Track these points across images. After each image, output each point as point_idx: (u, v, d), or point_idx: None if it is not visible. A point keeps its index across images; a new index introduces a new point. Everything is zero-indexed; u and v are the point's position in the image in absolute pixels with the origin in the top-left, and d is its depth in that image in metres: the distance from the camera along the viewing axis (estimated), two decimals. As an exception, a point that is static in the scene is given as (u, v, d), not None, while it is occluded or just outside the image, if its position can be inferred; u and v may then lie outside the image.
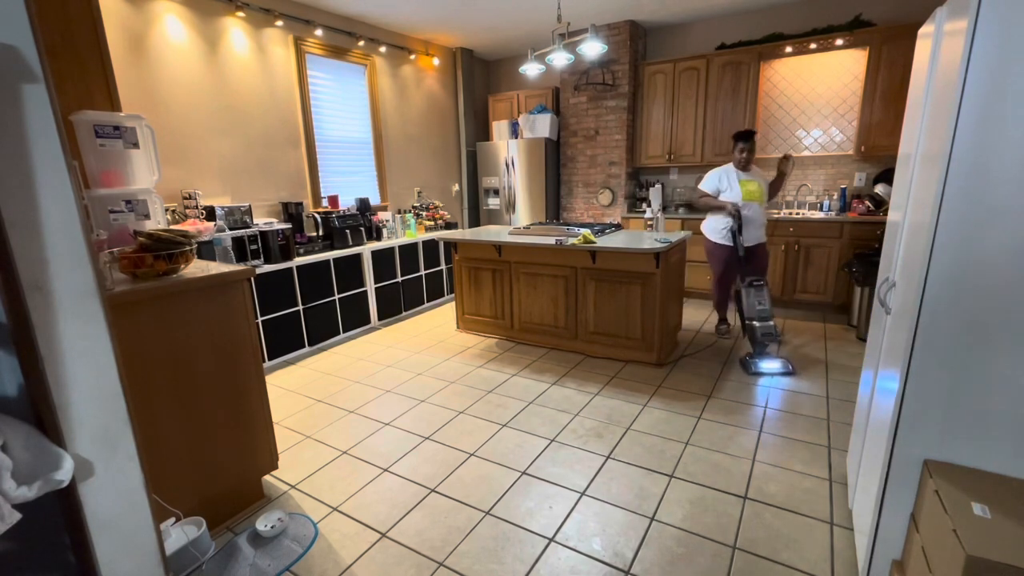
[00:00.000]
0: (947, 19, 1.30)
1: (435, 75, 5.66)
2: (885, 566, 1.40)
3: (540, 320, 3.79)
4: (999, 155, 1.08)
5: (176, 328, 1.73)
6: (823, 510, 1.93)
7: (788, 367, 3.17)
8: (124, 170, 2.12)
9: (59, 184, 0.90)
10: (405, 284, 4.72)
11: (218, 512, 1.95)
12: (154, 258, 1.72)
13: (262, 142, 4.02)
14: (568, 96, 5.41)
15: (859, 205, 4.25)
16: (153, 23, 3.30)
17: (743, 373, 3.20)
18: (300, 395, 3.11)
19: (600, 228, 3.86)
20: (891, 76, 4.01)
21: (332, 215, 4.16)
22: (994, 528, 1.04)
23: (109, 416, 1.01)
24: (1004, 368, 1.16)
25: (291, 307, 3.67)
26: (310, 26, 4.24)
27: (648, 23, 5.06)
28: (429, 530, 1.90)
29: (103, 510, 1.01)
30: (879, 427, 1.49)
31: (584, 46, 3.27)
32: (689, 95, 4.89)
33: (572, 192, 5.66)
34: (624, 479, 2.16)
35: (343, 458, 2.40)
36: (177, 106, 3.47)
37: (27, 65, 0.85)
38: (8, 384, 0.86)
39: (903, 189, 1.60)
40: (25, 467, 0.80)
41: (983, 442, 1.22)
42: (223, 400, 1.90)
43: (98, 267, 0.98)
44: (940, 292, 1.19)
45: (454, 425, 2.67)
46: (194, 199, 3.42)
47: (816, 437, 2.43)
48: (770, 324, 3.21)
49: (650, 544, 1.79)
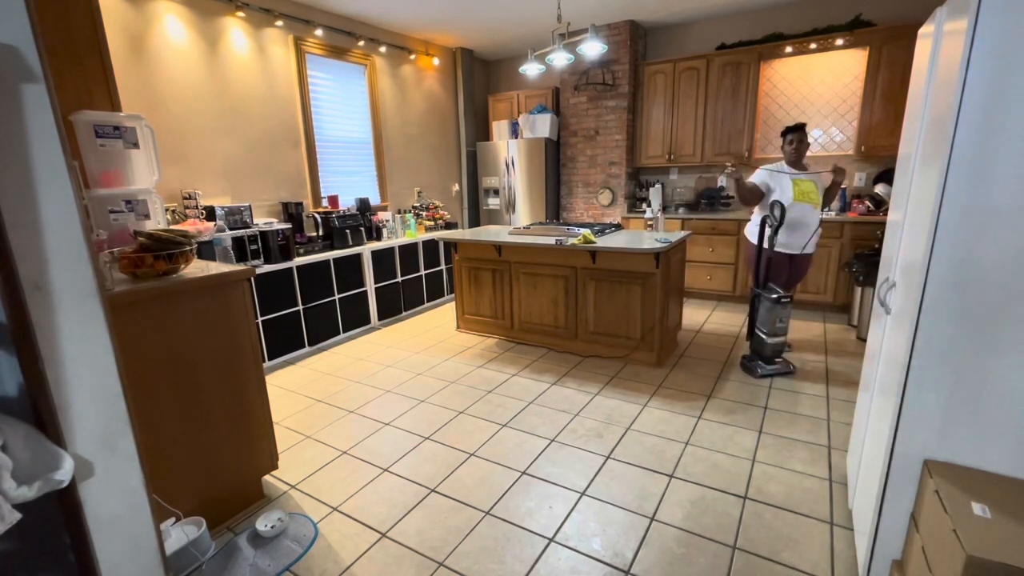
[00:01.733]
0: (947, 19, 1.30)
1: (435, 75, 5.66)
2: (885, 566, 1.40)
3: (540, 320, 3.79)
4: (999, 155, 1.08)
5: (176, 328, 1.73)
6: (823, 510, 1.93)
7: (790, 367, 3.16)
8: (124, 170, 2.12)
9: (59, 184, 0.90)
10: (405, 284, 4.72)
11: (218, 512, 1.94)
12: (154, 258, 1.72)
13: (262, 142, 4.02)
14: (568, 96, 5.41)
15: (859, 205, 4.25)
16: (153, 23, 3.30)
17: (743, 373, 3.20)
18: (300, 395, 3.11)
19: (600, 228, 3.86)
20: (891, 76, 4.01)
21: (332, 215, 4.16)
22: (994, 528, 1.04)
23: (109, 416, 1.01)
24: (1004, 368, 1.16)
25: (291, 307, 3.67)
26: (310, 26, 4.24)
27: (648, 23, 5.06)
28: (429, 530, 1.90)
29: (103, 510, 1.01)
30: (879, 427, 1.49)
31: (584, 46, 3.27)
32: (689, 95, 4.89)
33: (572, 192, 5.66)
34: (624, 479, 2.16)
35: (343, 458, 2.40)
36: (177, 106, 3.47)
37: (27, 65, 0.85)
38: (8, 384, 0.85)
39: (903, 189, 1.60)
40: (25, 467, 0.80)
41: (983, 442, 1.22)
42: (223, 400, 1.90)
43: (98, 267, 0.98)
44: (940, 292, 1.19)
45: (454, 425, 2.67)
46: (194, 199, 3.42)
47: (816, 437, 2.43)
48: (782, 341, 3.09)
49: (650, 544, 1.79)
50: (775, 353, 3.11)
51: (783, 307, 3.04)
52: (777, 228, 3.09)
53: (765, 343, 3.10)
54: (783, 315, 3.04)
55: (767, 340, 3.09)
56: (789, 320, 3.10)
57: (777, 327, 3.06)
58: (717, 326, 4.17)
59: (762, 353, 3.14)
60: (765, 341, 3.10)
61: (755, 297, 3.26)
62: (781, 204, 3.04)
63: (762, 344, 3.13)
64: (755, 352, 3.23)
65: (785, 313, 3.05)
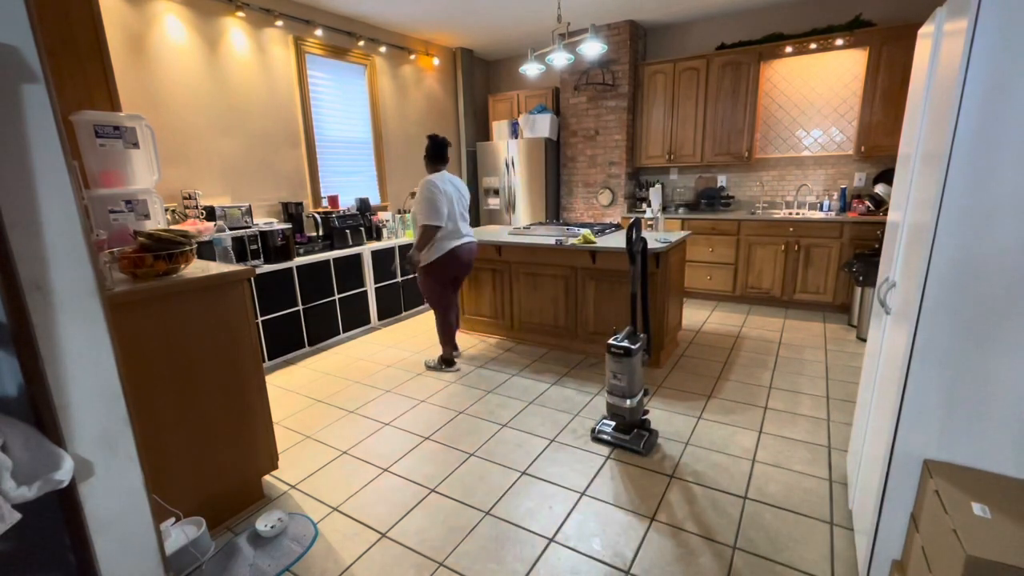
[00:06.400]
0: (947, 19, 1.30)
1: (435, 75, 5.66)
2: (885, 566, 1.40)
3: (540, 320, 3.79)
4: (999, 155, 1.08)
5: (176, 328, 1.73)
6: (823, 510, 1.93)
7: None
8: (124, 170, 2.12)
9: (59, 184, 0.90)
10: (405, 284, 4.72)
11: (218, 512, 1.94)
12: (154, 258, 1.72)
13: (262, 142, 4.02)
14: (568, 96, 5.41)
15: (859, 205, 4.24)
16: (153, 23, 3.30)
17: (744, 373, 3.20)
18: (300, 395, 3.11)
19: (600, 228, 3.86)
20: (891, 76, 4.01)
21: (332, 215, 4.16)
22: (994, 528, 1.04)
23: (109, 416, 1.01)
24: (1004, 368, 1.16)
25: (291, 307, 3.67)
26: (310, 26, 4.24)
27: (648, 23, 5.06)
28: (429, 530, 1.90)
29: (103, 510, 1.01)
30: (879, 427, 1.49)
31: (584, 46, 3.27)
32: (689, 95, 4.89)
33: (572, 192, 5.66)
34: (624, 479, 2.16)
35: (343, 458, 2.40)
36: (177, 106, 3.47)
37: (27, 65, 0.85)
38: (8, 384, 0.85)
39: (903, 189, 1.60)
40: (25, 467, 0.80)
41: (983, 442, 1.22)
42: (223, 400, 1.90)
43: (98, 267, 0.98)
44: (940, 292, 1.19)
45: (454, 425, 2.67)
46: (194, 199, 3.42)
47: (816, 437, 2.43)
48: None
49: (650, 544, 1.79)
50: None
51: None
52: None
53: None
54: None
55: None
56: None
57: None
58: (717, 326, 4.17)
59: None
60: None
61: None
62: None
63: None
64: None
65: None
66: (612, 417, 2.45)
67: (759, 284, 4.60)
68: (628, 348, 2.31)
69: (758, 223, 4.48)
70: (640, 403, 2.40)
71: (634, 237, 2.43)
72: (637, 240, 2.44)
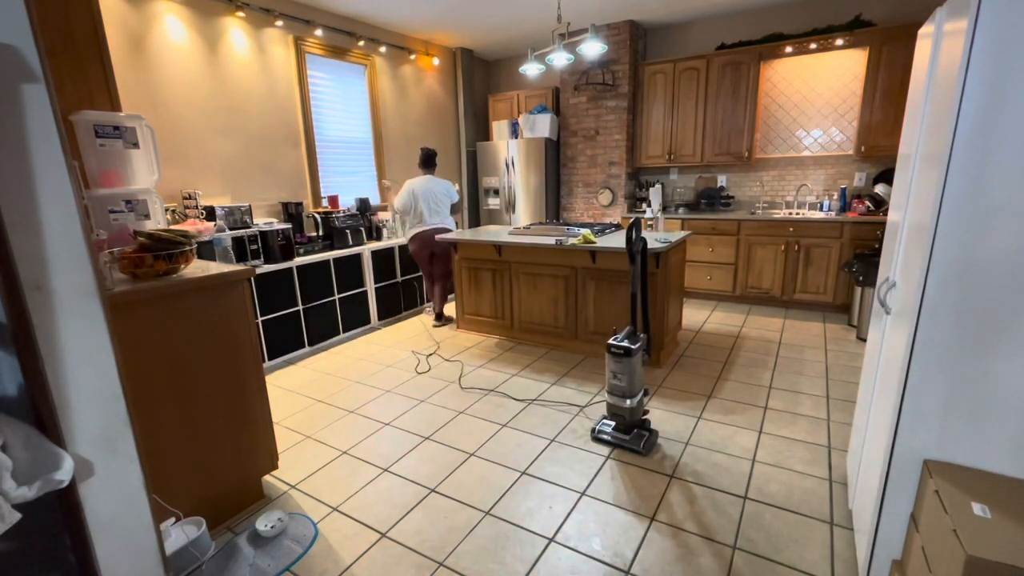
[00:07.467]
0: (947, 19, 1.30)
1: (435, 75, 5.66)
2: (885, 566, 1.40)
3: (540, 320, 3.79)
4: (999, 155, 1.08)
5: (176, 328, 1.73)
6: (823, 510, 1.93)
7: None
8: (124, 170, 2.11)
9: (59, 184, 0.90)
10: (405, 284, 4.72)
11: (218, 512, 1.94)
12: (154, 258, 1.72)
13: (262, 142, 4.02)
14: (568, 96, 5.41)
15: (859, 205, 4.24)
16: (153, 23, 3.30)
17: (744, 372, 3.20)
18: (300, 395, 3.11)
19: (600, 228, 3.86)
20: (891, 76, 4.01)
21: (332, 215, 4.16)
22: (994, 528, 1.04)
23: (109, 416, 1.01)
24: (1004, 368, 1.16)
25: (291, 307, 3.67)
26: (310, 26, 4.24)
27: (648, 23, 5.06)
28: (429, 530, 1.90)
29: (103, 510, 1.01)
30: (879, 427, 1.49)
31: (584, 46, 3.27)
32: (689, 95, 4.89)
33: (572, 192, 5.66)
34: (624, 479, 2.16)
35: (343, 458, 2.40)
36: (177, 106, 3.47)
37: (27, 65, 0.85)
38: (8, 384, 0.85)
39: (903, 189, 1.60)
40: (25, 467, 0.80)
41: (983, 442, 1.22)
42: (223, 400, 1.90)
43: (98, 267, 0.98)
44: (940, 292, 1.19)
45: (454, 425, 2.67)
46: (194, 199, 3.42)
47: (816, 437, 2.43)
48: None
49: (650, 544, 1.79)
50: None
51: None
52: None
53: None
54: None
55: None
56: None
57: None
58: (717, 326, 4.17)
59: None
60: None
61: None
62: None
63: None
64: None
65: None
66: (612, 417, 2.45)
67: (759, 284, 4.60)
68: (628, 348, 2.32)
69: (758, 223, 4.48)
70: (640, 403, 2.41)
71: (634, 237, 2.44)
72: (637, 240, 2.45)
